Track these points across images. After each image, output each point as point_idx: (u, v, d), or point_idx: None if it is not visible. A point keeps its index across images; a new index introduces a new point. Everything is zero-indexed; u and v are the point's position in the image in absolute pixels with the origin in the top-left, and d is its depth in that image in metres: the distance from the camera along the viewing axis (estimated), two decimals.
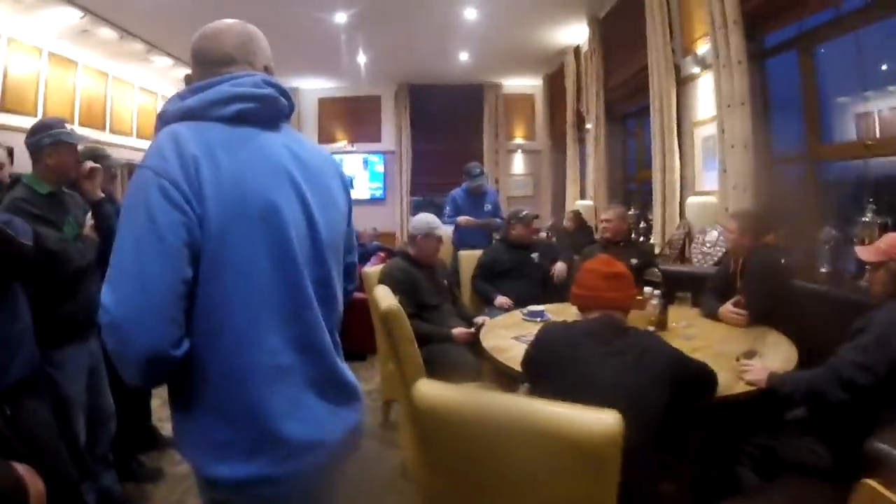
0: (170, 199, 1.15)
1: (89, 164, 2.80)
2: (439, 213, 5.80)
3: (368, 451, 3.68)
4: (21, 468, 1.46)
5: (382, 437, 3.92)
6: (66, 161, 2.68)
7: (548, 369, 2.07)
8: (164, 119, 1.31)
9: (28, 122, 6.31)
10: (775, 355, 2.63)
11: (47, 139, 2.62)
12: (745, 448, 2.40)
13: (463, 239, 5.96)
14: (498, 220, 6.07)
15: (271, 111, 1.37)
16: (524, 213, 4.81)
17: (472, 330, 3.57)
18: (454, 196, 6.25)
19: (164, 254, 1.13)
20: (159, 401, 4.34)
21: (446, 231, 4.23)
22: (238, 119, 1.30)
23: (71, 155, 2.70)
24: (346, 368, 1.42)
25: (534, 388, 2.24)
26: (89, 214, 2.78)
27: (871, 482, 1.29)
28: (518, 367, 2.37)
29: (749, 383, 2.29)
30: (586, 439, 1.36)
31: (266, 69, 1.44)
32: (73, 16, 6.57)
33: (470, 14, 7.29)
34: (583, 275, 2.20)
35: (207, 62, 1.38)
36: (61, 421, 2.53)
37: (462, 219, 5.98)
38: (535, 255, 4.70)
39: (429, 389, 1.56)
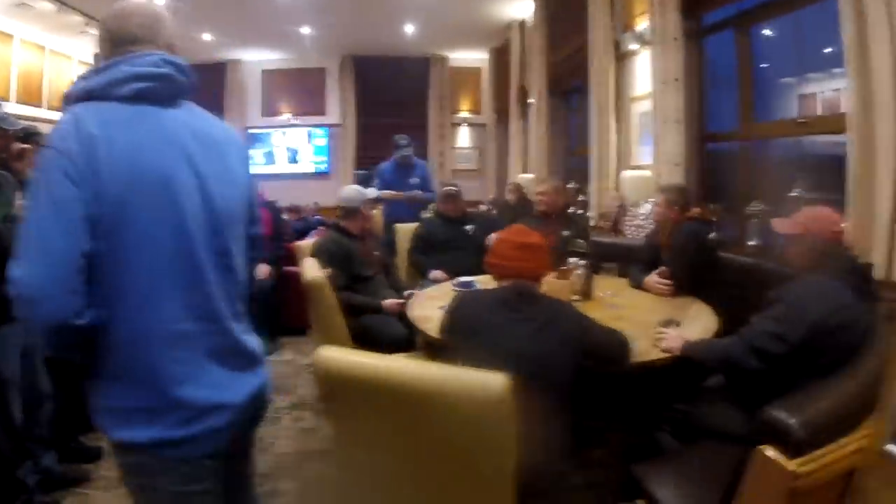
0: (68, 177, 1.22)
1: (18, 145, 2.75)
2: None
3: (305, 422, 3.80)
4: None
5: (318, 409, 3.91)
6: None
7: (460, 336, 2.10)
8: (68, 100, 1.36)
9: None
10: (695, 325, 2.68)
11: None
12: (666, 414, 2.45)
13: (391, 212, 5.93)
14: (424, 192, 6.00)
15: (170, 89, 1.40)
16: (445, 188, 4.84)
17: (402, 301, 3.58)
18: (382, 169, 6.18)
19: (64, 229, 1.21)
20: None
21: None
22: (136, 98, 1.34)
23: (2, 138, 2.65)
24: (246, 335, 1.50)
25: (452, 354, 2.25)
26: (19, 194, 2.69)
27: (765, 449, 1.32)
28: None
29: (664, 350, 2.33)
30: (476, 399, 1.38)
31: (170, 48, 1.45)
32: None
33: None
34: (496, 244, 2.21)
35: (112, 41, 1.42)
36: None
37: (385, 193, 5.92)
38: (469, 228, 4.68)
39: (329, 354, 1.55)
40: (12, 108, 7.19)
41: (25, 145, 2.78)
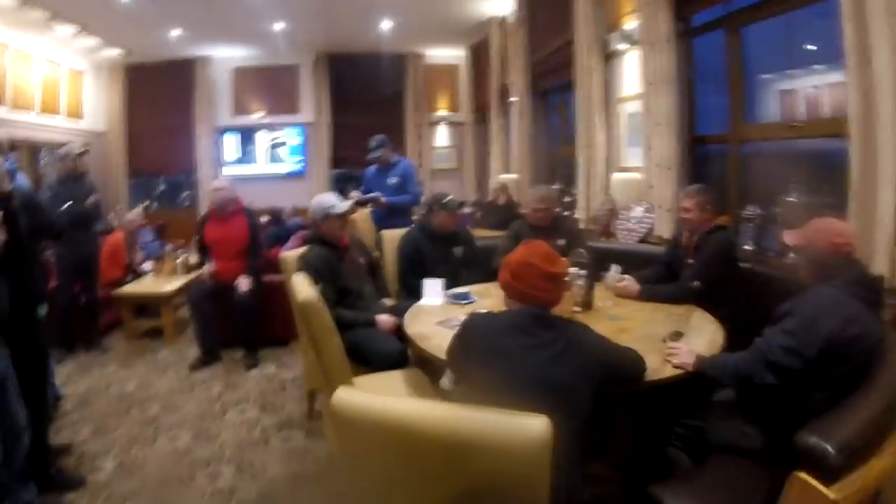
0: None
1: None
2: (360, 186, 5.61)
3: (294, 442, 3.59)
4: None
5: (309, 429, 3.73)
6: None
7: (473, 362, 2.00)
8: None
9: None
10: (700, 336, 2.63)
11: None
12: (676, 429, 2.40)
13: (380, 219, 5.64)
14: (401, 196, 5.67)
15: None
16: (448, 198, 4.16)
17: (395, 319, 3.42)
18: (365, 173, 5.94)
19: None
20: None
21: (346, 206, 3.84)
22: None
23: None
24: None
25: (460, 379, 2.22)
26: None
27: (803, 476, 1.26)
28: (441, 355, 2.31)
29: (677, 367, 2.27)
30: (516, 447, 1.27)
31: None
32: None
33: None
34: (520, 267, 2.03)
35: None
36: None
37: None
38: (457, 251, 4.22)
39: (348, 397, 1.42)
40: None
41: None
